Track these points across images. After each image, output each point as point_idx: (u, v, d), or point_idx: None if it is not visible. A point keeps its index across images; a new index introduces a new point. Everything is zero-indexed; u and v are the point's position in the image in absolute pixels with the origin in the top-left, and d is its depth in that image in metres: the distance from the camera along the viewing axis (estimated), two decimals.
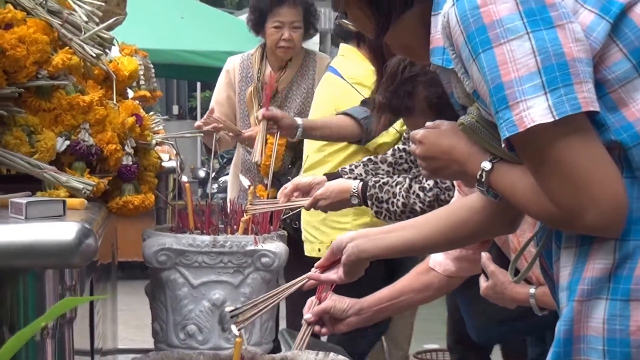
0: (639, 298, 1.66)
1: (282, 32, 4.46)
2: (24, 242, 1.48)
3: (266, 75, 4.59)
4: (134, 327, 4.28)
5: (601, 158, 1.66)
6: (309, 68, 4.66)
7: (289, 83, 4.62)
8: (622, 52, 1.70)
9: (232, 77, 4.70)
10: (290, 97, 4.60)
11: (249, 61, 4.70)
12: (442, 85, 2.68)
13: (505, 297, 2.69)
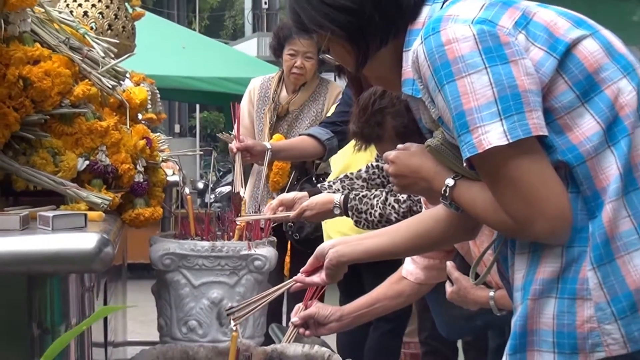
0: (583, 297, 1.68)
1: (296, 60, 4.44)
2: (51, 251, 1.48)
3: (281, 97, 4.56)
4: (140, 322, 4.26)
5: (549, 176, 1.69)
6: (321, 94, 4.61)
7: (300, 105, 4.56)
8: (567, 84, 1.72)
9: (252, 96, 4.65)
10: (300, 118, 4.55)
11: (268, 83, 4.66)
12: (407, 116, 2.73)
13: (468, 300, 2.71)
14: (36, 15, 2.05)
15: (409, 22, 1.86)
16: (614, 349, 1.67)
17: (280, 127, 4.49)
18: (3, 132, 1.82)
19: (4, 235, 1.52)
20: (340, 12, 1.85)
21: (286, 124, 4.49)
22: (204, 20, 27.74)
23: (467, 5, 1.78)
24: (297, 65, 4.43)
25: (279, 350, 2.27)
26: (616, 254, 1.68)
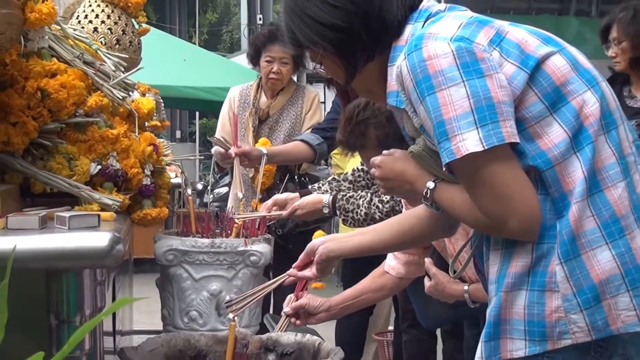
0: (552, 289, 1.69)
1: (273, 66, 4.38)
2: (68, 248, 1.49)
3: (261, 102, 4.51)
4: (144, 312, 4.24)
5: (520, 179, 1.70)
6: (298, 98, 4.55)
7: (280, 109, 4.51)
8: (537, 96, 1.73)
9: (232, 104, 4.60)
10: (281, 121, 4.49)
11: (247, 90, 4.60)
12: (388, 126, 2.74)
13: (444, 294, 2.72)
14: (53, 32, 2.05)
15: (393, 39, 1.87)
16: (580, 336, 1.69)
17: (262, 131, 4.45)
18: (22, 139, 1.82)
19: (24, 234, 1.53)
20: (331, 30, 1.86)
21: (267, 127, 4.45)
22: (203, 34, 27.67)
23: (446, 24, 1.79)
24: (274, 70, 4.38)
25: (274, 339, 2.28)
26: (581, 250, 1.69)
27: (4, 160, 1.83)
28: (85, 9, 3.00)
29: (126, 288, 2.98)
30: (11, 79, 1.86)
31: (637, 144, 1.83)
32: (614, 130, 1.76)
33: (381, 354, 5.25)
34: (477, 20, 1.81)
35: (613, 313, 1.69)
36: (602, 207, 1.71)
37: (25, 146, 1.85)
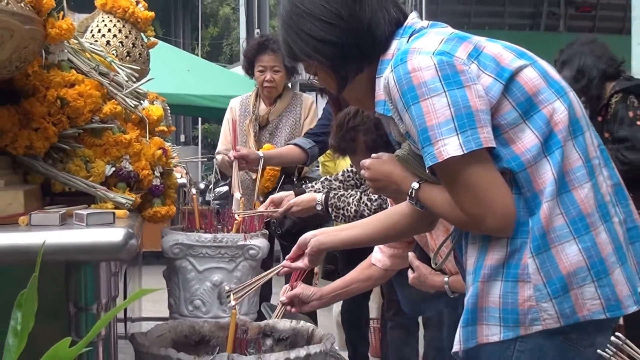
0: (524, 280, 1.71)
1: (265, 74, 4.35)
2: (85, 243, 1.50)
3: (260, 110, 4.46)
4: (152, 301, 4.23)
5: (497, 180, 1.72)
6: (296, 105, 4.50)
7: (279, 115, 4.46)
8: (511, 104, 1.75)
9: (234, 113, 4.55)
10: (280, 127, 4.45)
11: (247, 100, 4.56)
12: (375, 132, 2.76)
13: (426, 285, 2.73)
14: (71, 46, 2.06)
15: (381, 53, 1.88)
16: (549, 323, 1.70)
17: (263, 137, 4.41)
18: (44, 144, 1.82)
19: (46, 229, 1.53)
20: (325, 45, 1.87)
21: (268, 132, 4.42)
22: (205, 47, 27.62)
23: (429, 40, 1.80)
24: (267, 79, 4.35)
25: (271, 325, 2.28)
26: (551, 244, 1.71)
27: (27, 163, 1.83)
28: (98, 24, 3.00)
29: (136, 279, 2.99)
30: (33, 88, 1.86)
31: (601, 148, 1.85)
32: (580, 136, 1.78)
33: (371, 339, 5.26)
34: (457, 36, 1.82)
35: (579, 302, 1.71)
36: (570, 206, 1.72)
37: (46, 150, 1.86)
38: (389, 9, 1.89)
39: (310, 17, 1.86)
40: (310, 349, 1.85)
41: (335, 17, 1.84)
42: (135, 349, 1.91)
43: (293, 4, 1.90)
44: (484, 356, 1.77)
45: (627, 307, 1.74)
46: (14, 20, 1.61)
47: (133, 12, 2.97)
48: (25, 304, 1.01)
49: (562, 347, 1.73)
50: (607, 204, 1.78)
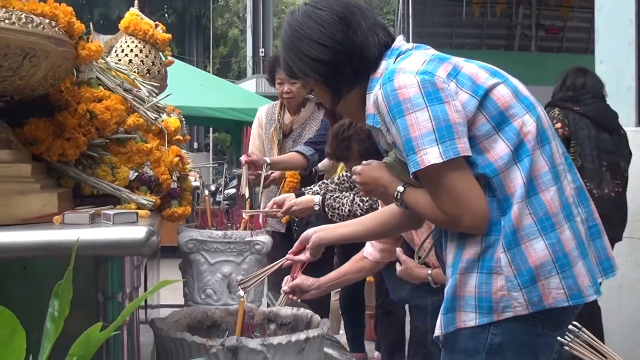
0: (497, 272, 1.72)
1: (284, 86, 4.23)
2: (112, 239, 1.50)
3: (285, 118, 4.36)
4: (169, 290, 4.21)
5: (472, 185, 1.73)
6: (319, 114, 4.37)
7: (302, 124, 4.35)
8: (486, 118, 1.76)
9: (260, 121, 4.46)
10: (303, 134, 4.32)
11: (273, 109, 4.45)
12: (367, 142, 2.78)
13: (412, 276, 2.75)
14: (99, 65, 2.07)
15: (371, 72, 1.89)
16: (519, 310, 1.72)
17: (287, 144, 4.32)
18: (75, 152, 1.83)
19: (77, 227, 1.54)
20: (321, 65, 1.88)
21: (291, 140, 4.31)
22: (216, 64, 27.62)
23: (413, 61, 1.82)
24: (285, 90, 4.25)
25: (275, 312, 2.28)
26: (521, 240, 1.72)
27: (60, 168, 1.84)
28: (122, 45, 3.01)
29: (155, 270, 2.98)
30: (66, 103, 1.88)
31: (565, 155, 1.87)
32: (547, 145, 1.79)
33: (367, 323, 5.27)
34: (438, 57, 1.84)
35: (546, 291, 1.72)
36: (538, 207, 1.74)
37: (77, 157, 1.86)
38: (379, 33, 1.90)
39: (308, 39, 1.87)
40: (309, 332, 1.86)
41: (330, 40, 1.85)
42: (154, 333, 1.91)
43: (293, 28, 1.91)
44: (462, 339, 1.78)
45: (587, 296, 1.76)
46: (49, 42, 1.63)
47: (152, 34, 2.98)
48: (61, 293, 1.02)
49: (530, 331, 1.75)
50: (571, 205, 1.79)
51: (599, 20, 5.56)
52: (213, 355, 1.72)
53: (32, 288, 1.60)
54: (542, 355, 1.79)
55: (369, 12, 1.93)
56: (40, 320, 1.09)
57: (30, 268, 1.63)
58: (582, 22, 14.86)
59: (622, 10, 5.38)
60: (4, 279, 1.60)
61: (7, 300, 1.03)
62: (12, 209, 1.57)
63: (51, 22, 1.70)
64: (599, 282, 1.82)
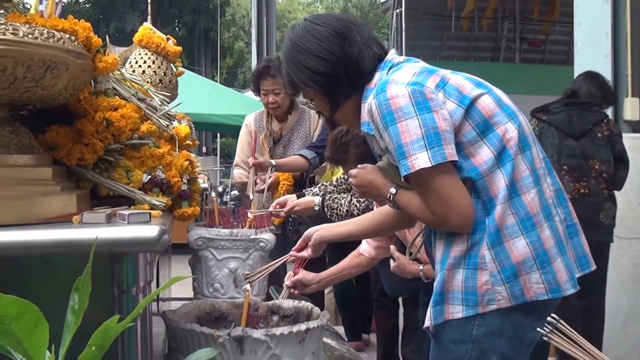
0: (482, 268, 1.73)
1: (268, 97, 4.20)
2: (127, 238, 1.50)
3: (273, 125, 4.34)
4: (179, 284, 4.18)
5: (459, 187, 1.74)
6: (305, 120, 4.36)
7: (290, 130, 4.33)
8: (471, 125, 1.76)
9: (249, 128, 4.41)
10: (292, 140, 4.31)
11: (260, 116, 4.42)
12: (363, 147, 2.79)
13: (405, 272, 2.76)
14: (115, 76, 2.07)
15: (366, 83, 1.89)
16: (502, 302, 1.72)
17: (277, 150, 4.31)
18: (92, 156, 1.84)
19: (95, 226, 1.54)
20: (319, 76, 1.88)
21: (281, 146, 4.30)
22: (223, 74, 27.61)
23: (404, 72, 1.82)
24: (270, 101, 4.21)
25: (277, 305, 2.28)
26: (504, 239, 1.73)
27: (79, 172, 1.84)
28: (135, 57, 3.01)
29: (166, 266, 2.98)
30: (84, 111, 1.88)
31: (545, 160, 1.88)
32: (528, 150, 1.80)
33: None
34: (427, 69, 1.84)
35: (527, 285, 1.73)
36: (519, 208, 1.74)
37: (94, 161, 1.87)
38: (373, 47, 1.91)
39: (308, 53, 1.88)
40: (309, 324, 1.86)
41: (328, 53, 1.86)
42: (166, 324, 1.91)
43: (294, 42, 1.92)
44: (450, 330, 1.79)
45: (565, 290, 1.77)
46: (69, 56, 1.63)
47: (164, 47, 2.99)
48: (81, 288, 1.03)
49: (513, 322, 1.75)
50: (550, 206, 1.80)
51: (577, 34, 5.57)
52: (220, 345, 1.72)
53: (51, 282, 1.60)
54: (524, 345, 1.80)
55: (364, 27, 1.93)
56: (59, 312, 1.09)
57: (50, 264, 1.63)
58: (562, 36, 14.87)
59: (599, 25, 5.39)
60: (26, 274, 1.61)
61: (29, 293, 1.03)
62: (35, 209, 1.58)
63: (71, 37, 1.70)
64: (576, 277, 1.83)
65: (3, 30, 1.51)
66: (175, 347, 1.88)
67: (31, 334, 0.93)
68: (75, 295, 1.03)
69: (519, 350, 1.80)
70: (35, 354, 0.95)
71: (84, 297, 1.02)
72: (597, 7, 5.40)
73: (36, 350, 0.95)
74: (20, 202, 1.55)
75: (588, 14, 5.47)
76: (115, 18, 22.54)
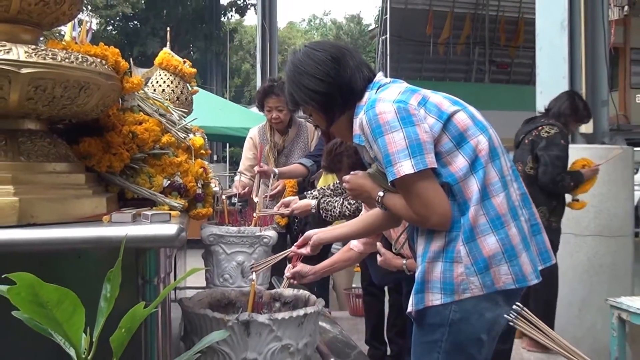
0: (458, 261, 1.74)
1: (272, 113, 4.18)
2: (150, 235, 1.50)
3: (275, 138, 4.30)
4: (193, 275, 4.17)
5: (438, 191, 1.75)
6: (303, 132, 4.34)
7: (290, 142, 4.30)
8: (448, 138, 1.78)
9: (254, 140, 4.39)
10: (293, 150, 4.29)
11: (263, 129, 4.39)
12: (355, 157, 2.79)
13: (390, 265, 2.76)
14: (139, 95, 2.08)
15: (357, 101, 1.90)
16: (475, 291, 1.73)
17: (280, 159, 4.29)
18: (120, 164, 1.84)
19: (122, 225, 1.54)
20: (317, 95, 1.89)
21: (284, 156, 4.30)
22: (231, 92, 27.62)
23: (391, 92, 1.83)
24: (274, 117, 4.18)
25: (279, 293, 2.26)
26: (477, 236, 1.74)
27: (108, 177, 1.84)
28: (156, 77, 3.02)
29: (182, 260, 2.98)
30: (113, 125, 1.88)
31: (513, 168, 1.89)
32: (497, 159, 1.81)
33: (347, 302, 5.27)
34: (410, 89, 1.85)
35: (497, 276, 1.74)
36: (490, 209, 1.75)
37: (121, 168, 1.87)
38: (363, 70, 1.92)
39: (307, 74, 1.89)
40: (307, 309, 1.85)
41: (325, 75, 1.87)
42: (182, 310, 1.90)
43: (295, 65, 1.93)
44: (429, 315, 1.79)
45: (530, 280, 1.78)
46: (100, 77, 1.64)
47: (181, 69, 3.00)
48: (112, 278, 1.03)
49: (484, 308, 1.76)
50: (517, 207, 1.81)
51: (539, 58, 5.60)
52: (229, 328, 1.72)
53: (84, 273, 1.59)
54: (493, 328, 1.81)
55: (356, 53, 1.94)
56: (91, 299, 1.08)
57: (83, 257, 1.63)
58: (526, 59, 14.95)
59: (558, 50, 5.42)
60: (63, 266, 1.61)
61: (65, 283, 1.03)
62: (70, 210, 1.58)
63: (102, 61, 1.71)
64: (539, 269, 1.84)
65: (44, 55, 1.51)
66: (190, 330, 1.87)
67: (70, 318, 0.94)
68: (108, 284, 1.03)
69: (488, 333, 1.80)
70: (73, 335, 0.95)
71: (115, 286, 1.02)
72: (556, 34, 5.43)
73: (74, 333, 0.95)
74: (57, 204, 1.56)
75: (548, 41, 5.50)
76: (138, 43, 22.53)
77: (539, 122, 4.25)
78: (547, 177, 4.06)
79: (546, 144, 4.11)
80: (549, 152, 4.08)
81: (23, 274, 0.93)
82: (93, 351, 0.99)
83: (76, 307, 0.94)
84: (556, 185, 4.07)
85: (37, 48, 1.53)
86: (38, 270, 0.99)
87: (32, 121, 1.67)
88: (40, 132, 1.69)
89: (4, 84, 1.46)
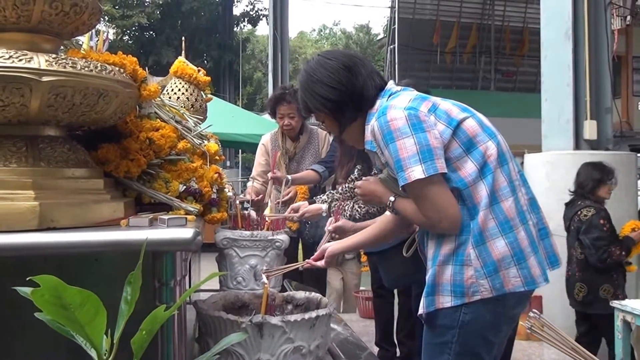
0: (468, 264, 1.73)
1: (284, 120, 4.19)
2: (167, 238, 1.49)
3: (287, 144, 4.30)
4: None
5: (448, 195, 1.74)
6: (314, 139, 4.34)
7: (302, 149, 4.31)
8: (458, 144, 1.77)
9: (266, 147, 4.39)
10: (304, 157, 4.30)
11: (275, 136, 4.39)
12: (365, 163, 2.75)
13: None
14: (156, 102, 2.08)
15: (369, 108, 1.90)
16: (485, 294, 1.72)
17: (292, 165, 4.29)
18: (137, 170, 1.84)
19: (140, 229, 1.54)
20: (330, 102, 1.89)
21: (295, 162, 4.30)
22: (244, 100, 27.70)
23: (401, 99, 1.83)
24: (285, 124, 4.20)
25: (291, 295, 2.26)
26: (486, 239, 1.73)
27: (125, 183, 1.84)
28: (172, 85, 3.02)
29: (197, 263, 2.97)
30: (130, 131, 1.88)
31: (521, 173, 1.88)
32: (506, 165, 1.80)
33: (358, 304, 5.25)
34: (421, 97, 1.85)
35: (506, 279, 1.72)
36: (499, 213, 1.74)
37: (138, 174, 1.86)
38: (375, 79, 1.92)
39: (320, 83, 1.89)
40: (318, 312, 1.85)
41: (337, 83, 1.87)
42: (197, 312, 1.90)
43: (309, 74, 1.93)
44: (440, 317, 1.78)
45: (539, 283, 1.76)
46: (119, 85, 1.64)
47: (195, 77, 3.00)
48: (133, 281, 1.02)
49: (494, 310, 1.75)
50: (525, 211, 1.80)
51: (544, 66, 5.58)
52: (243, 330, 1.71)
53: (100, 275, 1.59)
54: (503, 329, 1.79)
55: (368, 62, 1.94)
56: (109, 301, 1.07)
57: (100, 260, 1.63)
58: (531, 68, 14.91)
59: (562, 58, 5.40)
60: (81, 269, 1.61)
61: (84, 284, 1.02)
62: (89, 214, 1.58)
63: (120, 70, 1.71)
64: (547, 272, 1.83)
65: (64, 63, 1.51)
66: (205, 332, 1.87)
67: (92, 320, 0.93)
68: (128, 287, 1.02)
69: (497, 335, 1.79)
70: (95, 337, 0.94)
71: (135, 289, 1.02)
72: (560, 43, 5.41)
73: (96, 335, 0.94)
74: (77, 208, 1.55)
75: (553, 49, 5.48)
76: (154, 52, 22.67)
77: (577, 205, 4.32)
78: (594, 259, 4.15)
79: (586, 228, 4.20)
80: (589, 236, 4.18)
81: (47, 276, 0.92)
82: (114, 353, 0.98)
83: (98, 309, 0.94)
84: (605, 263, 4.15)
85: (57, 57, 1.53)
86: (56, 273, 0.98)
87: (52, 128, 1.67)
88: (60, 139, 1.69)
89: (25, 92, 1.46)
